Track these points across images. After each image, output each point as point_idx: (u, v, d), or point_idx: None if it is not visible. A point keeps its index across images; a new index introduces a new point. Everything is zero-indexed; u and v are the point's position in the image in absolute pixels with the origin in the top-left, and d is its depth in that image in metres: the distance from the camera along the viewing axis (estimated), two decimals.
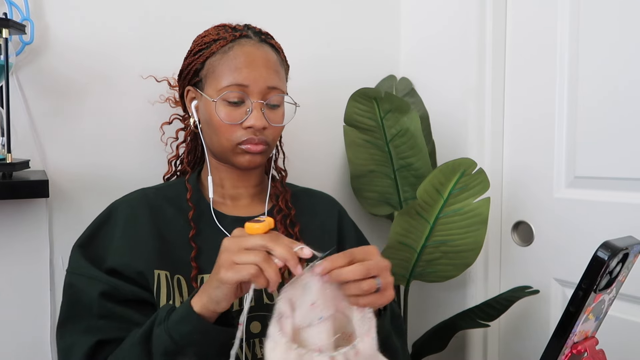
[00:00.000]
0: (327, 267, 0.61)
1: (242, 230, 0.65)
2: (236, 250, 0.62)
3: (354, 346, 0.60)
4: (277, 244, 0.61)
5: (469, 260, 1.19)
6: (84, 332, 0.76)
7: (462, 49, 1.34)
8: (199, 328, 0.66)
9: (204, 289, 0.67)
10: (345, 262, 0.62)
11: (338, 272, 0.62)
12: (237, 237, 0.64)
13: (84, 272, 0.79)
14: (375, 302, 0.64)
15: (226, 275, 0.62)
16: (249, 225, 0.64)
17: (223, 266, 0.62)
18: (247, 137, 0.84)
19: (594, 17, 1.14)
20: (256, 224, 0.63)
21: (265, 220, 0.64)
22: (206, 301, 0.66)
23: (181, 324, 0.67)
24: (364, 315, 0.65)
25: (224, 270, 0.62)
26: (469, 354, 1.37)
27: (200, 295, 0.67)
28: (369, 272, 0.62)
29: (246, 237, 0.63)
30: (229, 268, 0.62)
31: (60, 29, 1.05)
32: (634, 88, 1.07)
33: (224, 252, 0.63)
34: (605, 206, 1.13)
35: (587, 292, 0.60)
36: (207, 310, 0.66)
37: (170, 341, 0.67)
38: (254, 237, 0.62)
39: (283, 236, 0.63)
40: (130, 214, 0.85)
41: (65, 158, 1.06)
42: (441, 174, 1.11)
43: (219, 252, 0.65)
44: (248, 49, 0.86)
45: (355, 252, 0.64)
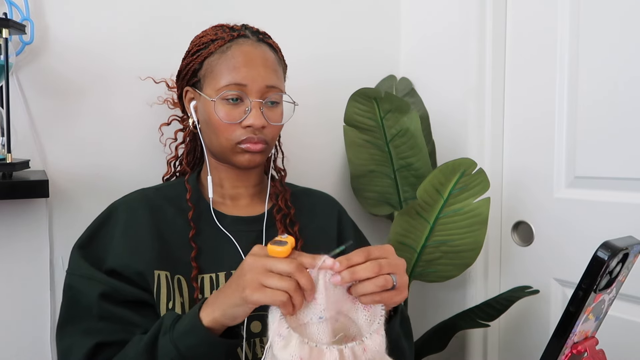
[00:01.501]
0: (345, 264, 0.62)
1: (263, 249, 0.64)
2: (263, 272, 0.62)
3: (362, 342, 0.61)
4: (303, 276, 0.61)
5: (469, 260, 1.19)
6: (84, 334, 0.76)
7: (462, 49, 1.34)
8: (206, 341, 0.66)
9: (217, 304, 0.66)
10: (362, 259, 0.63)
11: (353, 271, 0.62)
12: (260, 257, 0.64)
13: (83, 273, 0.79)
14: (391, 299, 0.65)
15: (253, 297, 0.61)
16: (271, 248, 0.63)
17: (249, 287, 0.62)
18: (247, 136, 0.84)
19: (594, 17, 1.14)
20: (279, 247, 0.63)
21: (287, 242, 0.64)
22: (219, 316, 0.66)
23: (188, 336, 0.67)
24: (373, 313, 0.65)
25: (251, 291, 0.61)
26: (469, 354, 1.37)
27: (212, 308, 0.67)
28: (382, 269, 0.63)
29: (272, 260, 0.62)
30: (257, 290, 0.61)
31: (60, 29, 1.05)
32: (634, 88, 1.07)
33: (250, 272, 0.63)
34: (605, 206, 1.13)
35: (587, 292, 0.60)
36: (217, 324, 0.66)
37: (176, 352, 0.67)
38: (280, 260, 0.62)
39: (304, 254, 0.64)
40: (130, 214, 0.85)
41: (65, 158, 1.06)
42: (441, 174, 1.11)
43: (241, 269, 0.64)
44: (246, 48, 0.86)
45: (372, 250, 0.65)
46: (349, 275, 0.62)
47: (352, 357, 0.59)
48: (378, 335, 0.62)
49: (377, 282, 0.63)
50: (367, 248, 0.65)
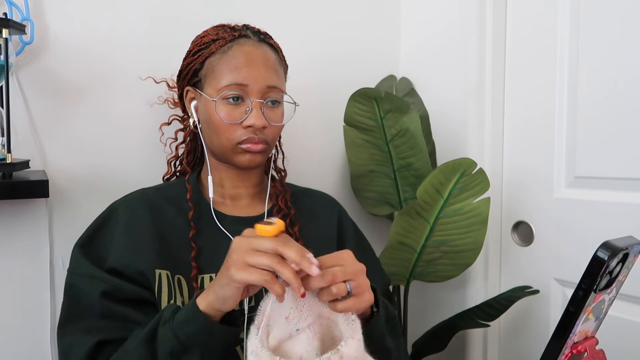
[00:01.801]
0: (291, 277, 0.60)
1: (252, 231, 0.64)
2: (248, 251, 0.62)
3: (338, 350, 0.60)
4: (289, 248, 0.60)
5: (469, 260, 1.19)
6: (85, 332, 0.76)
7: (462, 49, 1.34)
8: (205, 328, 0.66)
9: (210, 287, 0.67)
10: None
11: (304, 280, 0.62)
12: (248, 237, 0.64)
13: (84, 272, 0.79)
14: (352, 306, 0.64)
15: (238, 275, 0.61)
16: (259, 227, 0.63)
17: (234, 265, 0.62)
18: (247, 136, 0.84)
19: (594, 17, 1.14)
20: (267, 226, 0.62)
21: (276, 222, 0.63)
22: (212, 299, 0.66)
23: (187, 324, 0.67)
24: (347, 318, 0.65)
25: (236, 270, 0.62)
26: (469, 354, 1.37)
27: (206, 293, 0.67)
28: (335, 277, 0.62)
29: (257, 238, 0.62)
30: (241, 268, 0.61)
31: (60, 29, 1.05)
32: (634, 88, 1.07)
33: (235, 251, 0.63)
34: (605, 206, 1.13)
35: (587, 292, 0.60)
36: (212, 309, 0.66)
37: (176, 341, 0.67)
38: (266, 239, 0.62)
39: (293, 240, 0.63)
40: (130, 214, 0.85)
41: (65, 158, 1.06)
42: (441, 174, 1.11)
43: (229, 250, 0.64)
44: (247, 48, 0.86)
45: (325, 259, 0.65)
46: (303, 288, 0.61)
47: None
48: (354, 340, 0.62)
49: (331, 291, 0.62)
50: (320, 258, 0.64)
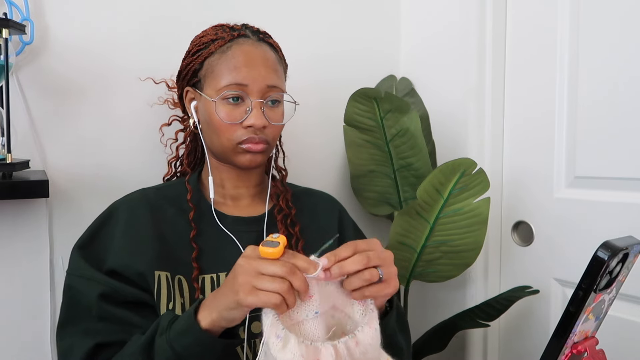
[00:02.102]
0: (332, 260, 0.62)
1: (254, 250, 0.64)
2: (255, 275, 0.62)
3: (354, 335, 0.61)
4: (295, 277, 0.61)
5: (469, 260, 1.19)
6: (83, 335, 0.76)
7: (462, 49, 1.34)
8: (202, 341, 0.66)
9: (214, 306, 0.66)
10: (349, 253, 0.64)
11: (341, 265, 0.62)
12: (252, 259, 0.63)
13: (83, 273, 0.79)
14: (380, 292, 0.65)
15: (247, 300, 0.61)
16: (263, 250, 0.63)
17: (242, 290, 0.62)
18: (248, 136, 0.84)
19: (594, 17, 1.14)
20: (270, 249, 0.62)
21: (279, 242, 0.63)
22: (216, 318, 0.66)
23: (183, 336, 0.67)
24: (366, 308, 0.65)
25: (244, 295, 0.62)
26: (469, 354, 1.37)
27: (209, 311, 0.67)
28: (370, 262, 0.63)
29: (264, 262, 0.62)
30: (250, 293, 0.61)
31: (60, 29, 1.05)
32: (634, 88, 1.07)
33: (242, 275, 0.63)
34: (605, 206, 1.13)
35: (587, 292, 0.60)
36: (215, 327, 0.67)
37: (172, 352, 0.67)
38: (272, 263, 0.62)
39: (298, 255, 0.63)
40: (130, 214, 0.85)
41: (65, 158, 1.06)
42: (441, 174, 1.11)
43: (234, 271, 0.64)
44: (247, 48, 0.86)
45: (359, 243, 0.65)
46: (337, 270, 0.63)
47: (347, 351, 0.60)
48: (370, 329, 0.63)
49: (363, 276, 0.63)
50: (354, 242, 0.65)
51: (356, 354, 0.60)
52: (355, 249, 0.64)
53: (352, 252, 0.64)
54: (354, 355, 0.60)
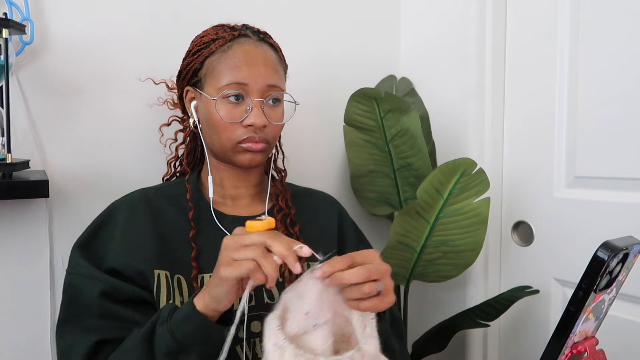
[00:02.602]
0: (328, 270, 0.61)
1: (242, 229, 0.65)
2: (235, 248, 0.62)
3: (360, 349, 0.60)
4: (275, 241, 0.61)
5: (469, 260, 1.19)
6: (84, 332, 0.76)
7: (463, 49, 1.34)
8: (202, 327, 0.66)
9: (205, 288, 0.67)
10: (346, 265, 0.62)
11: (339, 275, 0.61)
12: (236, 235, 0.64)
13: (83, 272, 0.79)
14: (377, 306, 0.64)
15: (225, 272, 0.62)
16: (249, 223, 0.64)
17: (222, 263, 0.63)
18: (248, 135, 0.84)
19: (594, 17, 1.14)
20: (256, 222, 0.64)
21: (266, 219, 0.64)
22: (208, 300, 0.66)
23: (184, 324, 0.67)
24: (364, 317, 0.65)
25: (223, 267, 0.62)
26: (469, 354, 1.37)
27: (202, 294, 0.68)
28: (370, 275, 0.62)
29: (246, 234, 0.63)
30: (228, 265, 0.62)
31: (60, 29, 1.05)
32: (634, 88, 1.07)
33: (224, 250, 0.64)
34: (605, 206, 1.13)
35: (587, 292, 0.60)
36: (209, 310, 0.67)
37: (173, 340, 0.67)
38: (253, 234, 0.62)
39: (283, 235, 0.63)
40: (130, 213, 0.85)
41: (65, 158, 1.06)
42: (441, 174, 1.11)
43: (220, 250, 0.65)
44: (247, 47, 0.86)
45: (355, 255, 0.64)
46: (337, 281, 0.61)
47: None
48: (372, 339, 0.62)
49: (363, 289, 0.62)
50: (351, 254, 0.64)
51: None
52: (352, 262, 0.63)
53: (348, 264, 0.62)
54: None
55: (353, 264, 0.62)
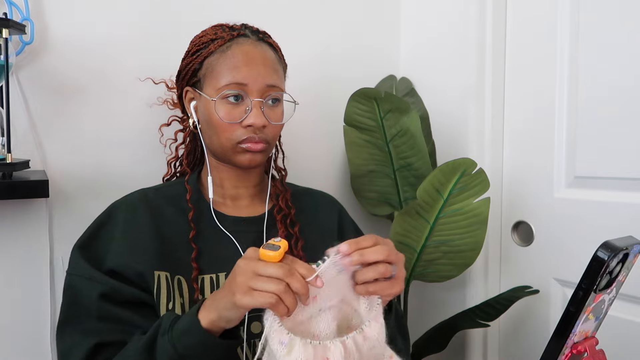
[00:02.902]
0: (353, 247, 0.63)
1: (255, 252, 0.64)
2: (252, 276, 0.62)
3: (362, 330, 0.61)
4: (294, 279, 0.61)
5: (469, 260, 1.19)
6: (83, 334, 0.76)
7: (462, 49, 1.34)
8: (204, 341, 0.66)
9: (213, 306, 0.67)
10: (371, 243, 0.64)
11: (362, 252, 0.63)
12: (251, 260, 0.63)
13: (83, 273, 0.79)
14: (385, 290, 0.65)
15: (243, 300, 0.62)
16: (263, 252, 0.63)
17: (239, 291, 0.62)
18: (247, 135, 0.84)
19: (594, 16, 1.14)
20: (270, 252, 0.62)
21: (280, 247, 0.63)
22: (215, 319, 0.66)
23: (186, 336, 0.67)
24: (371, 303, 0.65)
25: (240, 295, 0.62)
26: (469, 354, 1.37)
27: (209, 311, 0.67)
28: (390, 255, 0.64)
29: (263, 264, 0.62)
30: (246, 293, 0.61)
31: (60, 29, 1.05)
32: (634, 88, 1.07)
33: (240, 276, 0.63)
34: (605, 206, 1.13)
35: (587, 292, 0.60)
36: (215, 327, 0.67)
37: (175, 352, 0.67)
38: (271, 265, 0.62)
39: (298, 261, 0.63)
40: (130, 214, 0.85)
41: (65, 158, 1.06)
42: (441, 174, 1.11)
43: (233, 272, 0.64)
44: (246, 47, 0.86)
45: (379, 238, 0.66)
46: (358, 257, 0.63)
47: (355, 346, 0.60)
48: (377, 323, 0.63)
49: (378, 269, 0.64)
50: (374, 235, 0.66)
51: (364, 349, 0.61)
52: (376, 241, 0.65)
53: (373, 243, 0.65)
54: (362, 351, 0.60)
55: (376, 243, 0.65)
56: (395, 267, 0.65)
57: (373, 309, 0.64)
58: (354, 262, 0.63)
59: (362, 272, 0.64)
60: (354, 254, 0.63)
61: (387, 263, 0.64)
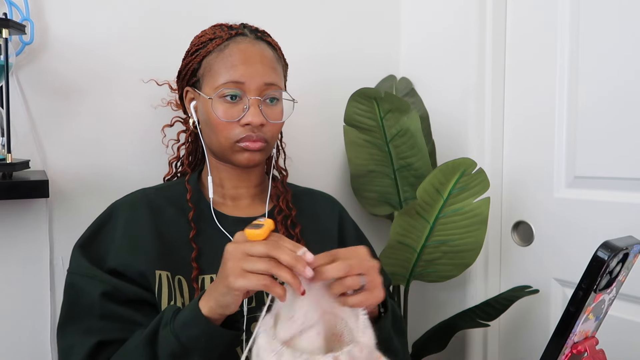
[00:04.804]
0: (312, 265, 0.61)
1: (243, 235, 0.64)
2: (242, 257, 0.61)
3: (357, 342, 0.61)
4: (281, 251, 0.60)
5: (469, 260, 1.19)
6: (85, 333, 0.76)
7: (462, 48, 1.34)
8: (207, 331, 0.66)
9: (210, 294, 0.67)
10: (328, 260, 0.63)
11: (320, 269, 0.62)
12: (240, 242, 0.63)
13: (84, 272, 0.79)
14: (363, 301, 0.64)
15: (237, 283, 0.61)
16: (249, 231, 0.63)
17: (232, 274, 0.61)
18: (245, 134, 0.84)
19: (594, 16, 1.14)
20: (256, 230, 0.62)
21: (264, 224, 0.63)
22: (214, 305, 0.66)
23: (188, 327, 0.67)
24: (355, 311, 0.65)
25: (234, 278, 0.61)
26: (469, 354, 1.37)
27: (207, 299, 0.67)
28: (351, 269, 0.62)
29: (250, 244, 0.62)
30: (239, 276, 0.61)
31: (60, 29, 1.05)
32: (634, 87, 1.07)
33: (230, 260, 0.63)
34: (605, 206, 1.13)
35: (587, 292, 0.60)
36: (214, 314, 0.67)
37: (177, 343, 0.67)
38: (257, 243, 0.61)
39: (285, 238, 0.63)
40: (130, 214, 0.85)
41: (65, 158, 1.06)
42: (441, 174, 1.11)
43: (224, 258, 0.64)
44: (244, 46, 0.86)
45: (340, 251, 0.65)
46: (317, 276, 0.61)
47: None
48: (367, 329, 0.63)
49: (345, 283, 0.62)
50: (334, 250, 0.65)
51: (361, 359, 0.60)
52: (334, 257, 0.63)
53: (330, 259, 0.63)
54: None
55: (335, 259, 0.63)
56: (363, 278, 0.64)
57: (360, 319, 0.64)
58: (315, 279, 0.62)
59: (331, 286, 0.63)
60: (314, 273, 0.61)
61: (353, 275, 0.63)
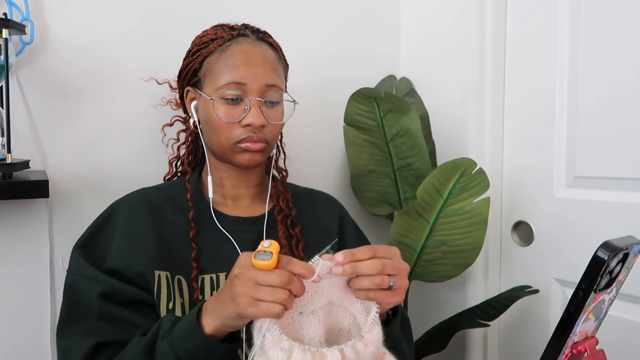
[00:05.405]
0: (348, 258, 0.62)
1: (248, 257, 0.62)
2: (252, 285, 0.60)
3: (362, 337, 0.61)
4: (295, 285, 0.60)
5: (469, 260, 1.19)
6: (84, 334, 0.76)
7: (462, 48, 1.34)
8: (204, 345, 0.66)
9: (216, 315, 0.65)
10: (368, 256, 0.63)
11: (355, 265, 0.62)
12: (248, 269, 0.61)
13: (83, 272, 0.79)
14: (385, 299, 0.65)
15: (248, 312, 0.60)
16: (257, 263, 0.60)
17: (243, 302, 0.60)
18: (246, 135, 0.84)
19: (594, 16, 1.14)
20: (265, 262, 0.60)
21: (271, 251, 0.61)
22: (220, 326, 0.65)
23: (186, 340, 0.66)
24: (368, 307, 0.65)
25: (245, 306, 0.60)
26: (469, 354, 1.37)
27: (212, 318, 0.66)
28: (385, 269, 0.63)
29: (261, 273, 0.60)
30: (250, 304, 0.60)
31: (60, 29, 1.05)
32: (634, 87, 1.07)
33: (240, 286, 0.61)
34: (605, 206, 1.13)
35: (587, 292, 0.60)
36: (219, 332, 0.66)
37: (174, 356, 0.66)
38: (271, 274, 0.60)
39: (293, 261, 0.62)
40: (130, 214, 0.85)
41: (65, 158, 1.06)
42: (441, 174, 1.11)
43: (231, 281, 0.63)
44: (245, 47, 0.86)
45: (379, 248, 0.65)
46: (350, 269, 0.62)
47: (354, 354, 0.59)
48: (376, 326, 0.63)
49: (374, 280, 0.63)
50: (374, 246, 0.65)
51: (366, 355, 0.60)
52: (373, 254, 0.64)
53: (370, 256, 0.63)
54: (363, 357, 0.60)
55: (374, 256, 0.63)
56: (393, 278, 0.64)
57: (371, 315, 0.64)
58: (345, 273, 0.62)
59: (357, 279, 0.64)
60: (346, 266, 0.62)
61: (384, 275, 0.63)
